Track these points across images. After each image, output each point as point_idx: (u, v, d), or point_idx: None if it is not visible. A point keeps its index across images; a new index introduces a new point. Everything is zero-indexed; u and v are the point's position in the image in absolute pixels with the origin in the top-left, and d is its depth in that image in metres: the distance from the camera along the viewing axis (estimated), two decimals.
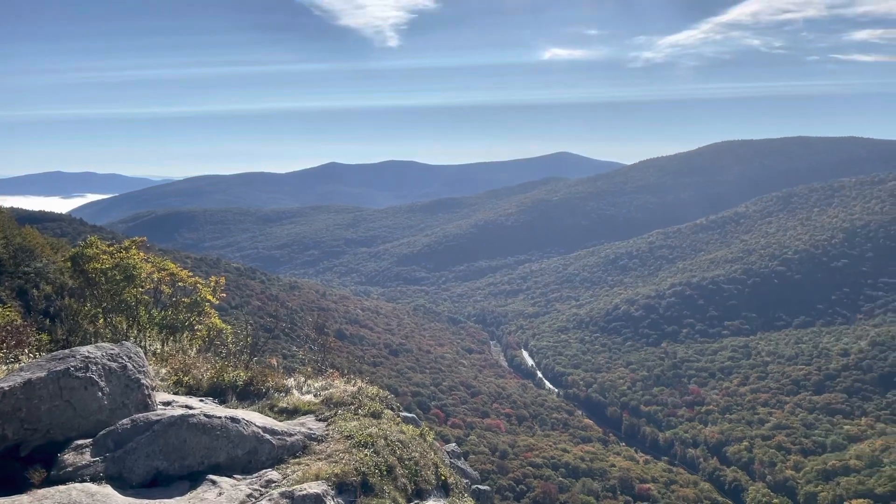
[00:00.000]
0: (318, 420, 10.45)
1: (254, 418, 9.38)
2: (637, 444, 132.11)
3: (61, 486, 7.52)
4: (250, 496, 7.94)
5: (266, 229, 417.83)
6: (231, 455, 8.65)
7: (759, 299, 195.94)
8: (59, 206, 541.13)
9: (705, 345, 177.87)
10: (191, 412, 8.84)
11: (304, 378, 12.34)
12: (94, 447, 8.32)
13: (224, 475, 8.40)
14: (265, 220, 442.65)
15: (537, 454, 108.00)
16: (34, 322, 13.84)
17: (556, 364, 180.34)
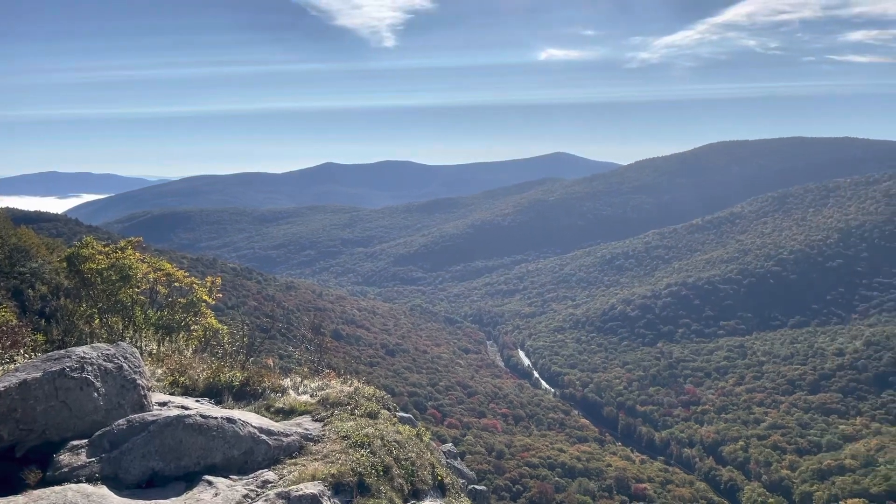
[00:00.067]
0: (315, 420, 10.45)
1: (250, 419, 9.38)
2: (633, 444, 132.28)
3: (57, 487, 7.51)
4: (246, 497, 7.94)
5: (262, 229, 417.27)
6: (227, 455, 8.64)
7: (755, 299, 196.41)
8: (55, 206, 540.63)
9: (701, 345, 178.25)
10: (187, 413, 8.83)
11: (300, 378, 12.34)
12: (90, 448, 8.31)
13: (220, 476, 8.40)
14: (261, 220, 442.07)
15: (534, 454, 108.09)
16: (30, 322, 13.81)
17: (553, 364, 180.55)
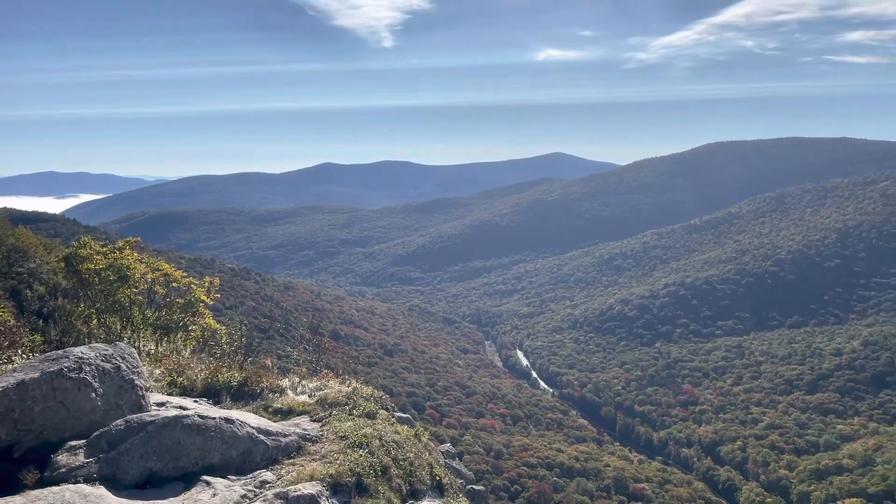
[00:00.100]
0: (313, 421, 10.45)
1: (248, 419, 9.37)
2: (631, 444, 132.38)
3: (55, 488, 7.50)
4: (245, 497, 7.93)
5: (261, 229, 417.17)
6: (225, 456, 8.64)
7: (753, 299, 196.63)
8: (53, 206, 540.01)
9: (699, 345, 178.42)
10: (185, 413, 8.83)
11: (298, 379, 12.33)
12: (88, 448, 8.30)
13: (218, 476, 8.39)
14: (260, 220, 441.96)
15: (532, 454, 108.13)
16: (27, 323, 13.79)
17: (551, 364, 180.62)
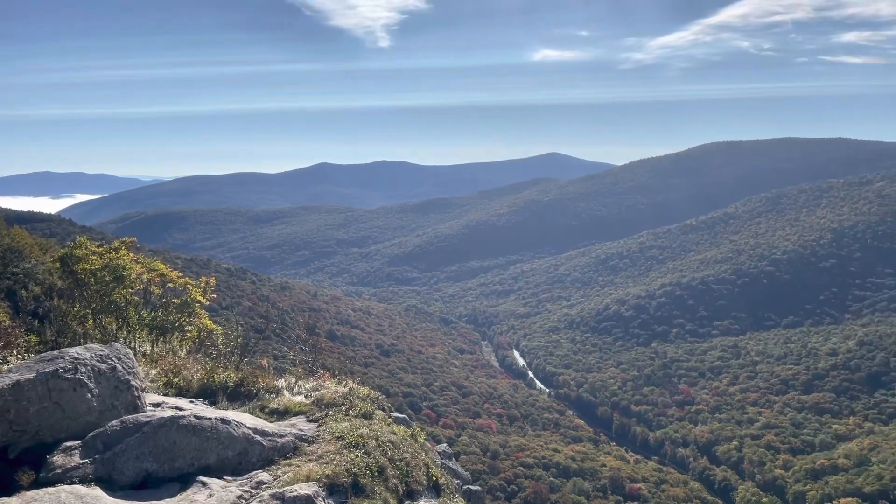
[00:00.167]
0: (309, 421, 10.44)
1: (244, 419, 9.36)
2: (627, 444, 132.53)
3: (50, 488, 7.49)
4: (241, 498, 7.93)
5: (257, 230, 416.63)
6: (221, 456, 8.63)
7: (749, 299, 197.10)
8: (48, 206, 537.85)
9: (695, 345, 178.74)
10: (181, 413, 8.81)
11: (294, 379, 12.31)
12: (83, 449, 8.29)
13: (214, 477, 8.38)
14: (256, 220, 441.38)
15: (528, 454, 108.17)
16: (23, 323, 13.75)
17: (548, 364, 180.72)
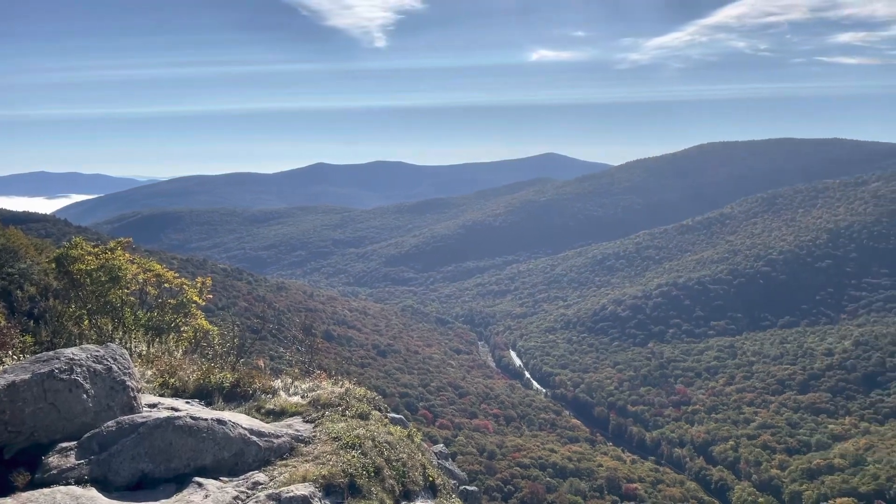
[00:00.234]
0: (306, 422, 10.42)
1: (240, 420, 9.34)
2: (624, 444, 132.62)
3: (45, 489, 7.46)
4: (237, 498, 7.91)
5: (253, 230, 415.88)
6: (217, 457, 8.61)
7: (745, 299, 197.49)
8: (44, 206, 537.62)
9: (691, 345, 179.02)
10: (177, 414, 8.79)
11: (291, 379, 12.29)
12: (79, 450, 8.26)
13: (210, 477, 8.36)
14: (252, 220, 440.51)
15: (525, 454, 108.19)
16: (18, 324, 13.69)
17: (544, 364, 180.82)
